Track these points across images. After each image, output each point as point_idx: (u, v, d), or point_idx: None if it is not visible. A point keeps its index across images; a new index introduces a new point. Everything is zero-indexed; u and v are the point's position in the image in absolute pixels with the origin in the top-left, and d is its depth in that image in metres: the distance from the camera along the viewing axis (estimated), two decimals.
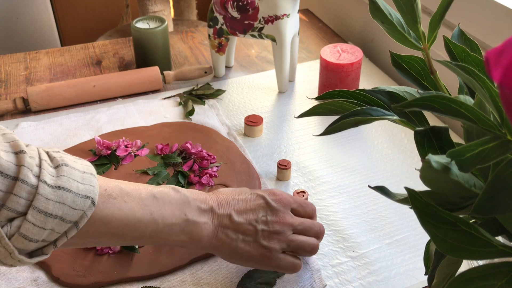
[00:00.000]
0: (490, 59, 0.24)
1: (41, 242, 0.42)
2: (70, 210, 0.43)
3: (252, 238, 0.54)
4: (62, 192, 0.42)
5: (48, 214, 0.41)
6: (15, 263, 0.42)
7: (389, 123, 0.87)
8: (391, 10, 0.42)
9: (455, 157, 0.30)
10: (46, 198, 0.41)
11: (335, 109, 0.41)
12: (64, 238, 0.44)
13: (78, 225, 0.44)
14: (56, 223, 0.42)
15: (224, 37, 0.94)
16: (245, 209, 0.55)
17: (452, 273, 0.36)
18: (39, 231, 0.41)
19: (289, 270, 0.57)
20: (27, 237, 0.41)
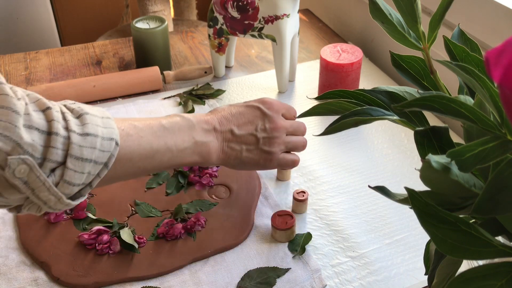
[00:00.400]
0: (490, 59, 0.24)
1: (81, 185, 0.47)
2: (100, 153, 0.47)
3: (254, 147, 0.61)
4: (91, 138, 0.47)
5: (83, 160, 0.46)
6: (62, 207, 0.47)
7: (389, 123, 0.87)
8: (391, 10, 0.42)
9: (455, 157, 0.30)
10: (79, 146, 0.46)
11: (335, 109, 0.41)
12: (97, 178, 0.49)
13: (108, 165, 0.49)
14: (91, 167, 0.47)
15: (224, 37, 0.94)
16: (244, 122, 0.61)
17: (452, 273, 0.36)
18: (79, 175, 0.46)
19: (289, 166, 0.65)
20: (71, 183, 0.46)
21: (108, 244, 0.63)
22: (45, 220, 0.67)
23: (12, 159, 0.42)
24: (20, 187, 0.44)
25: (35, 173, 0.44)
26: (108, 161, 0.48)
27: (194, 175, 0.74)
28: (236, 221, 0.67)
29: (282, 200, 0.72)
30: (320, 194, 0.73)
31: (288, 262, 0.62)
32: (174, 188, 0.72)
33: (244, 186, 0.73)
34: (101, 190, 0.72)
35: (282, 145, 0.63)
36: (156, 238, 0.65)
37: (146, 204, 0.69)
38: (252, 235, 0.66)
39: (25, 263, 0.62)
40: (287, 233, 0.64)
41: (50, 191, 0.45)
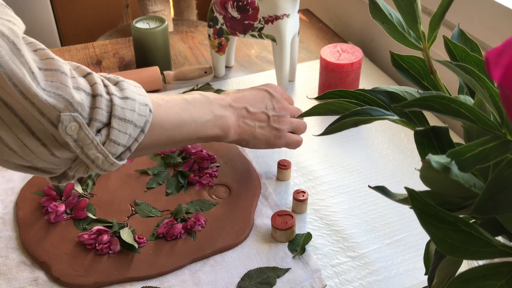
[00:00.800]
0: (490, 59, 0.23)
1: (124, 146, 0.51)
2: (138, 116, 0.51)
3: (266, 123, 0.67)
4: (130, 102, 0.51)
5: (126, 120, 0.50)
6: (108, 167, 0.51)
7: (389, 123, 0.87)
8: (391, 10, 0.42)
9: (455, 157, 0.30)
10: (121, 107, 0.50)
11: (335, 109, 0.41)
12: (136, 143, 0.52)
13: (144, 130, 0.53)
14: (131, 129, 0.51)
15: (224, 37, 0.94)
16: (256, 101, 0.67)
17: (452, 273, 0.36)
18: (123, 135, 0.50)
19: (294, 145, 0.71)
20: (116, 142, 0.50)
21: (108, 244, 0.63)
22: (45, 220, 0.67)
23: (64, 116, 0.46)
24: (70, 145, 0.47)
25: (84, 131, 0.47)
26: (144, 125, 0.52)
27: (194, 175, 0.74)
28: (236, 221, 0.67)
29: (282, 200, 0.72)
30: (320, 194, 0.73)
31: (288, 262, 0.62)
32: (174, 188, 0.72)
33: (244, 186, 0.73)
34: (101, 190, 0.72)
35: (288, 124, 0.69)
36: (156, 238, 0.65)
37: (146, 204, 0.69)
38: (252, 235, 0.66)
39: (25, 263, 0.62)
40: (287, 233, 0.64)
41: (98, 149, 0.49)
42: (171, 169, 0.76)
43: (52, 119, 0.46)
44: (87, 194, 0.71)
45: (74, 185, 0.71)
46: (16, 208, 0.69)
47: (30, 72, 0.44)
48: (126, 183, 0.73)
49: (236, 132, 0.65)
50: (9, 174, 0.75)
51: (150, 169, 0.75)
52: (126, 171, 0.75)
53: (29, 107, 0.44)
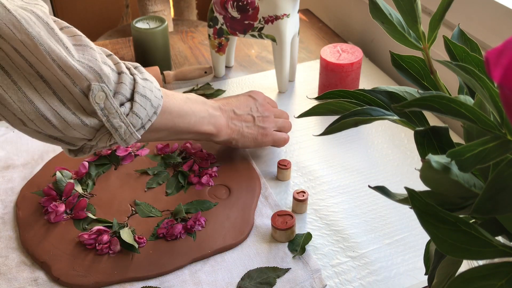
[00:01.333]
0: (490, 59, 0.24)
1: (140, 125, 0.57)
2: (154, 98, 0.58)
3: (252, 124, 0.73)
4: (149, 83, 0.58)
5: (146, 98, 0.57)
6: (129, 137, 0.56)
7: (389, 123, 0.87)
8: (391, 10, 0.42)
9: (455, 157, 0.30)
10: (143, 86, 0.57)
11: (335, 109, 0.41)
12: (149, 122, 0.58)
13: (156, 112, 0.59)
14: (149, 106, 0.57)
15: (224, 37, 0.94)
16: (241, 105, 0.74)
17: (452, 273, 0.36)
18: (143, 110, 0.56)
19: (281, 142, 0.77)
20: (138, 114, 0.56)
21: (108, 244, 0.63)
22: (45, 220, 0.67)
23: (94, 85, 0.52)
24: (98, 113, 0.53)
25: (110, 101, 0.53)
26: (157, 107, 0.58)
27: (194, 175, 0.74)
28: (236, 221, 0.67)
29: (282, 200, 0.72)
30: (320, 194, 0.73)
31: (288, 262, 0.62)
32: (174, 188, 0.72)
33: (244, 186, 0.73)
34: (101, 190, 0.72)
35: (273, 123, 0.75)
36: (156, 238, 0.65)
37: (146, 204, 0.69)
38: (252, 235, 0.66)
39: (25, 263, 0.62)
40: (287, 233, 0.64)
41: (121, 118, 0.54)
42: (171, 169, 0.76)
43: (83, 88, 0.52)
44: (87, 194, 0.71)
45: (74, 185, 0.71)
46: (16, 208, 0.69)
47: (65, 47, 0.50)
48: (126, 183, 0.73)
49: (226, 133, 0.71)
50: (9, 174, 0.75)
51: (150, 169, 0.75)
52: (126, 171, 0.75)
53: (63, 79, 0.50)
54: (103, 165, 0.76)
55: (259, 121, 0.74)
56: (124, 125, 0.55)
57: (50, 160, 0.77)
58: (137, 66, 0.60)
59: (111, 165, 0.76)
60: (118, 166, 0.76)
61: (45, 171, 0.75)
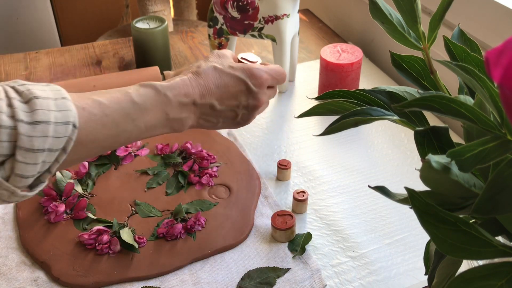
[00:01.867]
0: (490, 59, 0.24)
1: (36, 174, 0.44)
2: (55, 140, 0.43)
3: (231, 121, 0.60)
4: (42, 126, 0.42)
5: (35, 150, 0.42)
6: (18, 200, 0.44)
7: (389, 123, 0.87)
8: (391, 10, 0.42)
9: (455, 157, 0.30)
10: (29, 136, 0.42)
11: (335, 109, 0.41)
12: (56, 164, 0.45)
13: (66, 150, 0.45)
14: (45, 156, 0.43)
15: (224, 37, 0.94)
16: (227, 96, 0.58)
17: (452, 273, 0.36)
18: (32, 167, 0.42)
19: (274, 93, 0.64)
20: (23, 175, 0.42)
21: (108, 244, 0.63)
22: (45, 220, 0.67)
23: None
24: None
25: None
26: (66, 145, 0.44)
27: (194, 175, 0.74)
28: (236, 221, 0.67)
29: (282, 200, 0.72)
30: (320, 194, 0.73)
31: (288, 262, 0.62)
32: (174, 188, 0.72)
33: (244, 186, 0.73)
34: (101, 190, 0.72)
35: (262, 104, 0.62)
36: (156, 238, 0.65)
37: (146, 204, 0.69)
38: (252, 235, 0.66)
39: (25, 263, 0.62)
40: (287, 233, 0.64)
41: (2, 186, 0.42)
42: (171, 169, 0.76)
43: None
44: (87, 194, 0.71)
45: (74, 185, 0.71)
46: (16, 208, 0.69)
47: None
48: (126, 183, 0.73)
49: (191, 126, 0.58)
50: None
51: (150, 169, 0.75)
52: (126, 171, 0.75)
53: None
54: (103, 165, 0.76)
55: (242, 118, 0.61)
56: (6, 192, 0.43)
57: None
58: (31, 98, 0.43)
59: (111, 165, 0.76)
60: (118, 166, 0.76)
61: None
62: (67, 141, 0.44)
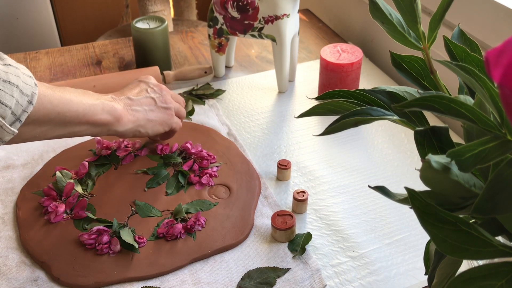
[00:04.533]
0: (490, 59, 0.24)
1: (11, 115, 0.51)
2: (24, 84, 0.52)
3: (154, 106, 0.70)
4: (13, 68, 0.52)
5: (11, 83, 0.51)
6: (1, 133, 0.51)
7: (389, 123, 0.87)
8: (391, 10, 0.42)
9: (455, 157, 0.30)
10: (5, 72, 0.51)
11: (335, 109, 0.41)
12: (25, 114, 0.52)
13: (32, 102, 0.53)
14: (18, 94, 0.51)
15: (224, 37, 0.94)
16: (135, 92, 0.70)
17: (452, 273, 0.36)
18: (9, 98, 0.50)
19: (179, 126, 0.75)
20: (3, 102, 0.50)
21: (108, 244, 0.63)
22: (45, 220, 0.67)
23: None
24: None
25: None
26: (31, 97, 0.53)
27: (194, 175, 0.74)
28: (236, 221, 0.67)
29: (282, 200, 0.72)
30: (320, 194, 0.73)
31: (288, 262, 0.62)
32: (174, 188, 0.72)
33: (244, 186, 0.73)
34: (101, 190, 0.72)
35: (172, 103, 0.72)
36: (156, 238, 0.65)
37: (146, 204, 0.69)
38: (252, 235, 0.66)
39: (25, 263, 0.62)
40: (287, 233, 0.64)
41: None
42: (171, 169, 0.76)
43: None
44: (87, 194, 0.71)
45: (74, 185, 0.70)
46: (16, 208, 0.69)
47: None
48: (126, 183, 0.73)
49: (129, 120, 0.66)
50: (9, 174, 0.75)
51: (150, 169, 0.75)
52: (126, 171, 0.75)
53: None
54: (103, 165, 0.76)
55: (160, 101, 0.70)
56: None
57: (50, 160, 0.77)
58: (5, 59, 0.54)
59: (111, 165, 0.76)
60: (118, 166, 0.76)
61: (45, 171, 0.75)
62: (32, 94, 0.53)
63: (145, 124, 0.68)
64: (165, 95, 0.72)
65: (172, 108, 0.72)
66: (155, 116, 0.69)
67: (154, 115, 0.69)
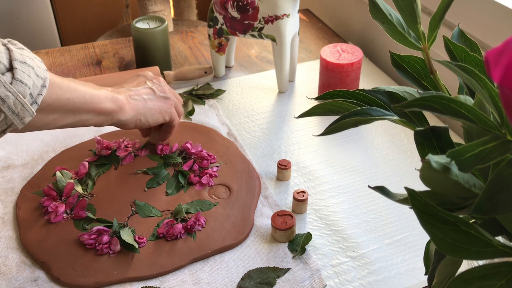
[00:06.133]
0: (490, 59, 0.24)
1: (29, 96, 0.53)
2: (38, 67, 0.55)
3: (153, 96, 0.71)
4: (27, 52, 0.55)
5: (27, 64, 0.53)
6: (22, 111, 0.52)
7: (389, 123, 0.87)
8: (391, 10, 0.42)
9: (455, 157, 0.30)
10: (20, 54, 0.53)
11: (335, 109, 0.41)
12: (40, 96, 0.54)
13: (45, 84, 0.55)
14: (34, 75, 0.53)
15: (224, 37, 0.94)
16: (134, 84, 0.72)
17: (452, 273, 0.36)
18: (27, 77, 0.52)
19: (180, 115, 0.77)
20: (22, 81, 0.52)
21: (108, 244, 0.63)
22: (45, 220, 0.67)
23: None
24: None
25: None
26: (44, 81, 0.55)
27: (194, 175, 0.74)
28: (236, 221, 0.67)
29: (282, 200, 0.72)
30: (320, 194, 0.73)
31: (288, 262, 0.62)
32: (174, 188, 0.72)
33: (244, 186, 0.73)
34: (101, 190, 0.72)
35: (171, 94, 0.74)
36: (156, 238, 0.65)
37: (146, 204, 0.69)
38: (252, 235, 0.66)
39: (25, 263, 0.62)
40: (287, 233, 0.64)
41: (6, 87, 0.50)
42: (171, 169, 0.76)
43: None
44: (87, 194, 0.71)
45: (74, 185, 0.71)
46: (16, 208, 0.69)
47: None
48: (126, 183, 0.73)
49: (131, 108, 0.67)
50: (9, 174, 0.75)
51: (150, 169, 0.75)
52: (126, 171, 0.75)
53: None
54: (103, 165, 0.76)
55: (159, 91, 0.72)
56: (11, 95, 0.51)
57: (50, 160, 0.77)
58: (10, 40, 0.56)
59: (111, 165, 0.76)
60: (118, 166, 0.76)
61: (45, 171, 0.75)
62: (45, 79, 0.55)
63: (145, 112, 0.69)
64: (164, 86, 0.73)
65: (171, 98, 0.73)
66: (154, 104, 0.70)
67: (153, 103, 0.70)
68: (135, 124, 0.69)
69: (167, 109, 0.72)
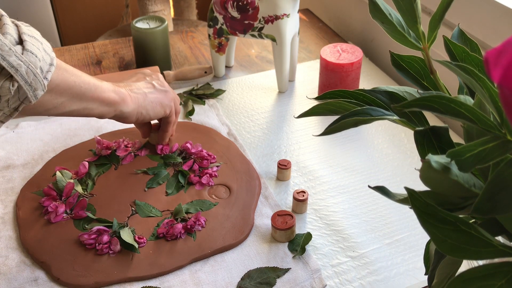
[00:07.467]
0: (490, 59, 0.24)
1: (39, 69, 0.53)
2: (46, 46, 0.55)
3: (153, 89, 0.73)
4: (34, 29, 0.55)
5: (36, 39, 0.53)
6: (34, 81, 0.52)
7: (389, 123, 0.87)
8: (391, 10, 0.42)
9: (455, 157, 0.30)
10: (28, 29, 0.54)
11: (335, 109, 0.41)
12: (49, 73, 0.55)
13: (53, 63, 0.55)
14: (43, 50, 0.54)
15: (224, 37, 0.94)
16: (134, 80, 0.73)
17: (452, 273, 0.36)
18: (37, 49, 0.53)
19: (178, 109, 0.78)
20: (33, 52, 0.52)
21: (108, 244, 0.63)
22: (45, 220, 0.67)
23: None
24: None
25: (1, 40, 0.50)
26: (52, 59, 0.55)
27: (194, 175, 0.74)
28: (236, 221, 0.67)
29: (282, 200, 0.72)
30: (320, 194, 0.73)
31: (288, 262, 0.62)
32: (174, 188, 0.72)
33: (244, 186, 0.73)
34: (101, 190, 0.72)
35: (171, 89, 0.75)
36: (156, 238, 0.65)
37: (146, 204, 0.69)
38: (252, 235, 0.66)
39: (25, 263, 0.62)
40: (287, 233, 0.64)
41: (17, 56, 0.50)
42: (171, 169, 0.76)
43: None
44: (87, 194, 0.71)
45: (74, 185, 0.71)
46: (16, 208, 0.69)
47: None
48: (126, 183, 0.73)
49: (132, 101, 0.68)
50: (9, 174, 0.75)
51: (150, 169, 0.75)
52: (126, 171, 0.75)
53: None
54: (103, 165, 0.76)
55: (159, 85, 0.74)
56: (23, 64, 0.51)
57: (50, 160, 0.77)
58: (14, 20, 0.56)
59: (111, 165, 0.76)
60: (118, 166, 0.76)
61: (45, 171, 0.75)
62: (52, 58, 0.55)
63: (146, 105, 0.70)
64: (163, 81, 0.75)
65: (170, 92, 0.74)
66: (154, 97, 0.72)
67: (154, 96, 0.72)
68: (136, 117, 0.70)
69: (168, 102, 0.73)
